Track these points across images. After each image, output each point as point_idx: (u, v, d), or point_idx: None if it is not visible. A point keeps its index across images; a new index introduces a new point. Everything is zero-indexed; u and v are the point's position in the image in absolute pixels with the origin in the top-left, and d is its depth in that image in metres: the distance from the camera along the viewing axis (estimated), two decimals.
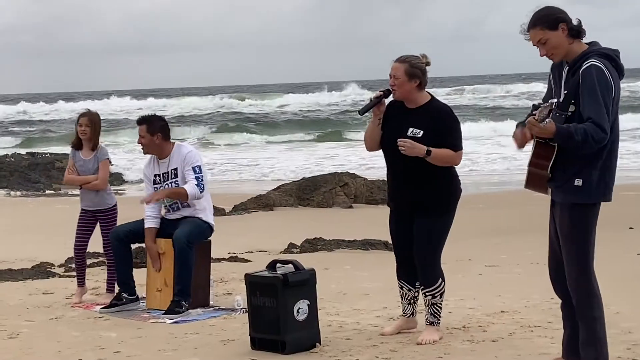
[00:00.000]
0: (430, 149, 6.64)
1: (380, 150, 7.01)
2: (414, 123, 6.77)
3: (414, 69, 6.75)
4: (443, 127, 6.74)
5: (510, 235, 13.00)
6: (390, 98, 6.92)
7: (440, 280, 6.92)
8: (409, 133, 6.74)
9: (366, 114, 6.99)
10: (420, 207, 6.84)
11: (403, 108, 6.88)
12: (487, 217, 15.44)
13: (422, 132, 6.72)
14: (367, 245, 12.25)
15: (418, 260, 6.93)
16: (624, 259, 10.62)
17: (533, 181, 5.69)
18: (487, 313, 7.81)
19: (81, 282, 9.04)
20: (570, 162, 5.47)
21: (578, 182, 5.47)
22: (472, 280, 9.55)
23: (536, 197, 5.82)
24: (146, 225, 8.45)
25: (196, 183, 8.30)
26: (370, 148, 7.06)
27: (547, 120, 5.33)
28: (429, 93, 6.90)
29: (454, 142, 6.76)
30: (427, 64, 6.83)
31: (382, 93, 6.91)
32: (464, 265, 10.59)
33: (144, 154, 8.61)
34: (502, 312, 7.85)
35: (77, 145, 9.01)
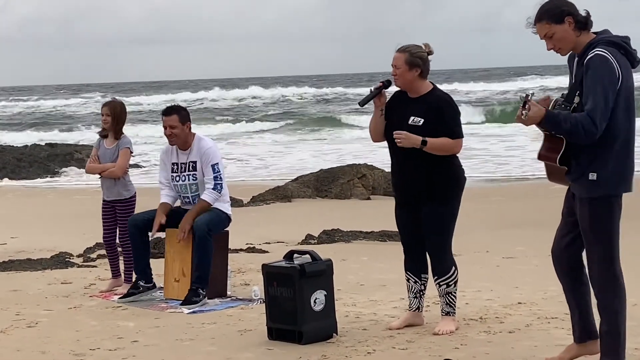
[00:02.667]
0: (426, 139, 6.67)
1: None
2: (415, 112, 6.80)
3: (414, 58, 6.77)
4: (442, 115, 6.76)
5: (528, 227, 12.97)
6: (392, 88, 6.97)
7: (454, 268, 6.94)
8: (409, 122, 6.79)
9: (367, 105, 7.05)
10: (425, 196, 6.85)
11: (405, 98, 6.92)
12: (505, 209, 15.42)
13: (422, 121, 6.76)
14: (385, 236, 12.25)
15: (430, 250, 6.95)
16: None
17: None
18: (504, 304, 7.81)
19: (115, 273, 9.10)
20: (583, 155, 5.41)
21: (592, 175, 5.39)
22: (490, 272, 9.55)
23: (554, 190, 5.82)
24: (161, 200, 8.53)
25: (212, 187, 8.33)
26: (375, 139, 7.08)
27: (524, 112, 5.32)
28: (431, 83, 6.94)
29: (452, 129, 6.77)
30: (429, 52, 6.86)
31: (382, 84, 6.97)
32: (482, 257, 10.59)
33: (171, 145, 8.54)
34: (519, 303, 7.84)
35: (103, 134, 9.09)
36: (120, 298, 8.54)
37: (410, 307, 7.16)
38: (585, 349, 5.81)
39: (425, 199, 6.86)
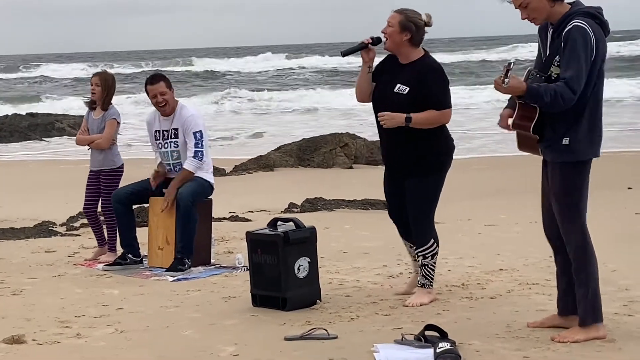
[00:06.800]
0: (410, 115, 6.56)
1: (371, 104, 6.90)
2: (402, 79, 6.67)
3: (408, 22, 6.64)
4: (428, 84, 6.63)
5: (510, 195, 13.06)
6: (380, 47, 6.83)
7: (433, 241, 6.84)
8: (395, 89, 6.66)
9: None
10: (410, 167, 6.75)
11: (396, 63, 6.78)
12: (487, 178, 15.50)
13: (407, 89, 6.63)
14: (367, 205, 12.31)
15: (410, 220, 6.87)
16: (622, 218, 10.69)
17: (524, 143, 5.76)
18: (486, 271, 7.88)
19: (100, 242, 9.10)
20: (558, 122, 5.55)
21: (565, 140, 5.54)
22: (472, 239, 9.62)
23: (535, 158, 5.88)
24: (158, 162, 8.63)
25: (193, 155, 8.35)
26: (360, 99, 6.93)
27: (506, 80, 5.38)
28: (424, 49, 6.79)
29: (438, 100, 6.64)
30: (427, 24, 6.70)
31: (371, 40, 6.81)
32: (464, 225, 10.66)
33: (163, 113, 8.51)
34: (500, 270, 7.91)
35: (92, 105, 9.09)
36: (105, 266, 8.57)
37: (415, 271, 7.09)
38: (566, 322, 5.90)
39: (411, 170, 6.75)
